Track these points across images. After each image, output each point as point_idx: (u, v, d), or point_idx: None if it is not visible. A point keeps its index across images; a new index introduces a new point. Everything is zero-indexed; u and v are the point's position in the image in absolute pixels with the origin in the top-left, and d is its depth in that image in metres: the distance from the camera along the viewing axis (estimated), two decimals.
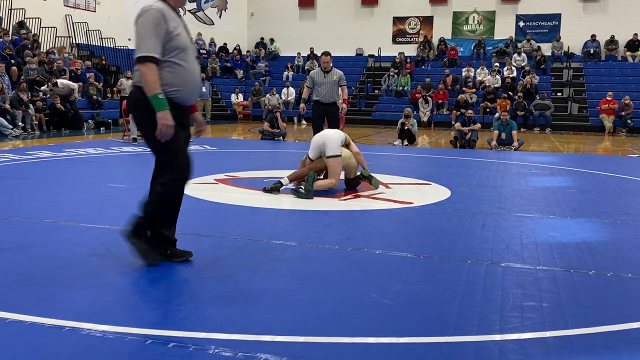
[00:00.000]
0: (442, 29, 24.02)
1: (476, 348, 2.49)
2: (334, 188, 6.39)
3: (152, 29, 3.24)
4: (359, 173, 6.58)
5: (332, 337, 2.56)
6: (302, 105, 9.18)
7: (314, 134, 8.22)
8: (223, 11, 25.54)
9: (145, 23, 3.26)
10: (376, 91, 22.22)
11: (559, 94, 20.56)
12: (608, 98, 18.21)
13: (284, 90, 20.61)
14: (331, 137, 6.47)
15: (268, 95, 20.11)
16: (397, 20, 24.44)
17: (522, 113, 18.54)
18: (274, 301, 3.00)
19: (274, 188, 6.18)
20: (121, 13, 22.40)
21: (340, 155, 6.34)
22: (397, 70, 21.91)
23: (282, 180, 6.26)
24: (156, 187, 3.48)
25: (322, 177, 6.57)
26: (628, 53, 21.57)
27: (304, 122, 19.15)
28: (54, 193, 5.96)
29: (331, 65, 8.24)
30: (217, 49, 24.39)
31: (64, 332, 2.53)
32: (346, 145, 6.57)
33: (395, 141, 12.83)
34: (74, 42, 20.14)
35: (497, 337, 2.60)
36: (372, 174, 6.59)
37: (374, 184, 6.51)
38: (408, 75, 21.64)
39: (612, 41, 21.76)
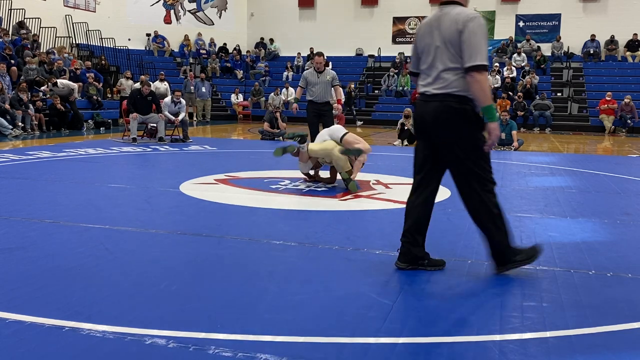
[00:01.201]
0: None
1: (476, 348, 2.49)
2: (335, 186, 6.57)
3: (485, 38, 3.14)
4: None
5: (332, 337, 2.56)
6: (294, 105, 9.20)
7: (310, 133, 8.29)
8: (223, 11, 25.53)
9: (480, 31, 3.12)
10: (376, 91, 22.21)
11: (558, 94, 20.54)
12: (607, 98, 18.20)
13: (283, 90, 20.62)
14: (332, 128, 6.86)
15: (272, 94, 20.13)
16: (397, 20, 24.42)
17: (522, 113, 18.53)
18: (274, 301, 2.99)
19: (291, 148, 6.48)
20: (121, 13, 22.44)
21: (348, 132, 6.58)
22: (397, 71, 21.91)
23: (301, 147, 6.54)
24: (478, 205, 3.54)
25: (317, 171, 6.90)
26: (628, 53, 21.56)
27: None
28: (54, 193, 5.96)
29: (324, 65, 8.42)
30: (217, 49, 24.38)
31: (64, 332, 2.53)
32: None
33: (395, 141, 12.82)
34: (73, 42, 20.15)
35: (497, 337, 2.60)
36: (352, 179, 6.31)
37: (350, 188, 6.24)
38: (408, 75, 21.65)
39: (612, 41, 21.75)
